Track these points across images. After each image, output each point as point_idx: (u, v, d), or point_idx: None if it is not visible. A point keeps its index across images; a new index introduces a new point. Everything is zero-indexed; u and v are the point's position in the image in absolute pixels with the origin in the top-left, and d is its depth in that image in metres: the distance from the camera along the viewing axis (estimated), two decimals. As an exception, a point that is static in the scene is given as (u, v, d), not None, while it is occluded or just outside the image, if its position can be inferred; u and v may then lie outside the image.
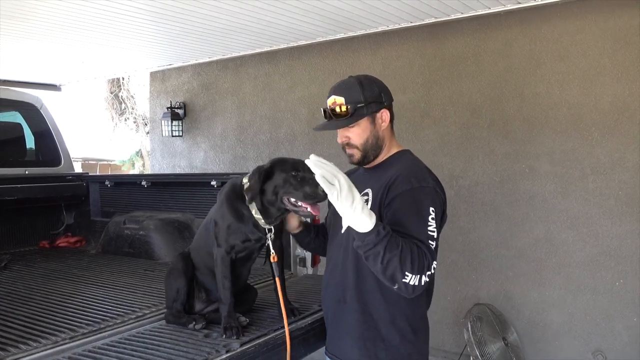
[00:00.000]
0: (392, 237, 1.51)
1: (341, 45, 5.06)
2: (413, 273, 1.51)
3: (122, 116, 15.70)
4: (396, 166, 1.76)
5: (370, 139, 1.78)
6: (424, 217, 1.61)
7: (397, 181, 1.68)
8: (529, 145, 4.15)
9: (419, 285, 1.53)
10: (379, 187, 1.72)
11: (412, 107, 4.68)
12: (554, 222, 4.05)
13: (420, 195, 1.65)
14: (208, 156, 6.17)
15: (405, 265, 1.50)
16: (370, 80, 1.80)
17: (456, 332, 4.35)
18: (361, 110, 1.74)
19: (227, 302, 1.93)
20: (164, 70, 6.44)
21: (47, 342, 1.91)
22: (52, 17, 4.11)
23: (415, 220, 1.61)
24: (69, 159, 4.41)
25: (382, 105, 1.78)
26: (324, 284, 1.96)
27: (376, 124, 1.79)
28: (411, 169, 1.73)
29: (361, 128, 1.77)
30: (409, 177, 1.68)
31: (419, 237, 1.58)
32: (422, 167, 1.78)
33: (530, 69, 4.14)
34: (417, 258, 1.52)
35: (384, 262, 1.51)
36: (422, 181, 1.68)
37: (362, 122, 1.76)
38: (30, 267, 3.28)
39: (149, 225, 3.54)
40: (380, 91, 1.78)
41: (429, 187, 1.68)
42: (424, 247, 1.56)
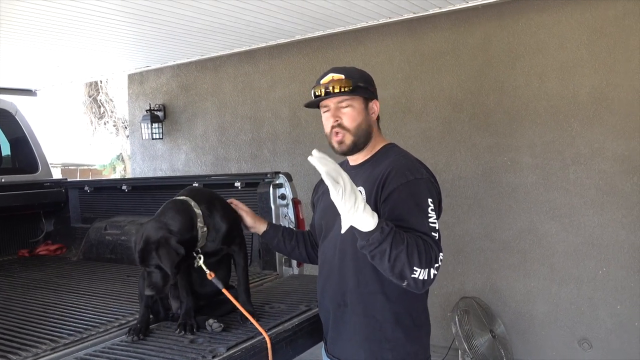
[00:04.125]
0: (397, 233, 1.47)
1: (320, 43, 5.04)
2: (421, 267, 1.48)
3: (102, 120, 15.48)
4: (385, 161, 1.72)
5: (363, 124, 1.73)
6: (424, 209, 1.58)
7: (391, 176, 1.64)
8: (510, 138, 4.18)
9: (429, 279, 1.51)
10: (371, 183, 1.68)
11: (393, 103, 4.68)
12: (537, 213, 4.08)
13: (417, 188, 1.62)
14: (189, 158, 6.11)
15: (413, 260, 1.47)
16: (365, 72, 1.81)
17: (444, 326, 4.36)
18: (361, 89, 1.72)
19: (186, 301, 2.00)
20: (142, 73, 6.35)
21: (27, 355, 1.85)
22: (25, 20, 4.01)
23: (415, 214, 1.57)
24: (46, 165, 4.32)
25: (375, 96, 1.78)
26: (320, 288, 1.91)
27: (369, 111, 1.76)
28: (403, 162, 1.69)
29: (356, 110, 1.73)
30: (403, 170, 1.65)
31: (421, 230, 1.55)
32: (412, 159, 1.75)
33: (509, 62, 4.16)
34: (423, 252, 1.49)
35: (391, 259, 1.47)
36: (416, 173, 1.65)
37: (356, 104, 1.72)
38: (9, 276, 3.20)
39: (131, 230, 3.48)
40: (373, 83, 1.79)
41: (424, 178, 1.66)
42: (429, 240, 1.54)
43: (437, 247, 1.54)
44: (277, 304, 2.33)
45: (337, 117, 1.72)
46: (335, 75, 1.72)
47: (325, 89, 1.71)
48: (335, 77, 1.71)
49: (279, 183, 2.97)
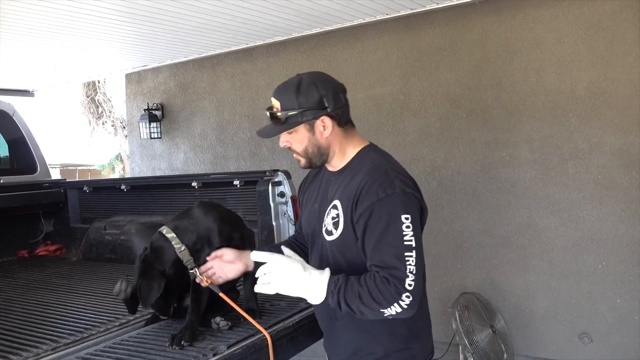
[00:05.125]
0: (347, 289, 1.49)
1: (318, 40, 5.03)
2: (387, 306, 1.47)
3: (100, 120, 15.45)
4: (360, 173, 1.63)
5: (310, 148, 1.65)
6: (397, 229, 1.50)
7: (363, 194, 1.57)
8: (508, 133, 4.18)
9: (404, 310, 1.47)
10: (347, 199, 1.62)
11: (391, 100, 4.67)
12: (536, 208, 4.09)
13: (388, 206, 1.53)
14: (188, 157, 6.10)
15: (373, 305, 1.47)
16: (313, 83, 1.61)
17: (444, 322, 4.37)
18: (294, 118, 1.60)
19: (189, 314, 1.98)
20: (140, 72, 6.34)
21: (28, 355, 1.86)
22: (21, 19, 4.00)
23: (385, 239, 1.51)
24: (45, 166, 4.32)
25: (323, 112, 1.60)
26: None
27: (316, 132, 1.63)
28: (375, 176, 1.59)
29: (299, 135, 1.64)
30: (374, 187, 1.56)
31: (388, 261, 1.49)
32: (385, 169, 1.61)
33: (507, 57, 4.16)
34: (378, 293, 1.46)
35: (357, 312, 1.50)
36: (388, 188, 1.55)
37: (298, 129, 1.63)
38: (9, 277, 3.21)
39: (131, 229, 3.48)
40: (322, 96, 1.60)
41: (397, 192, 1.54)
42: (385, 274, 1.48)
43: (402, 275, 1.47)
44: (277, 301, 2.33)
45: (286, 142, 1.68)
46: (274, 101, 1.64)
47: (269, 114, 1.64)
48: (273, 104, 1.63)
49: (278, 181, 2.97)
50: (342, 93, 1.66)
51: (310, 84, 1.62)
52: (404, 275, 1.48)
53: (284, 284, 1.52)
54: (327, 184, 1.74)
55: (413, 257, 1.49)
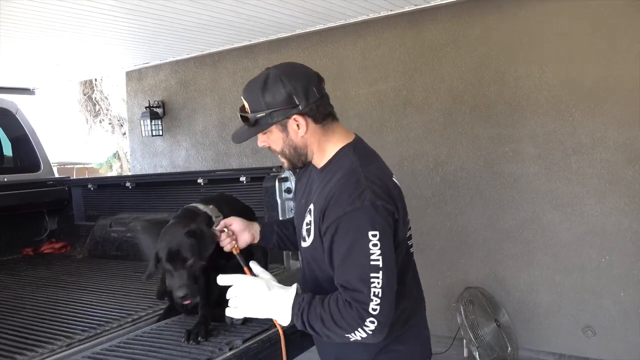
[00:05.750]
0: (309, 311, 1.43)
1: (320, 37, 5.03)
2: (351, 331, 1.39)
3: (97, 118, 15.41)
4: (336, 176, 1.52)
5: (286, 149, 1.56)
6: (362, 247, 1.39)
7: (331, 205, 1.46)
8: (511, 128, 4.20)
9: (370, 335, 1.38)
10: (319, 206, 1.52)
11: (394, 96, 4.68)
12: (540, 203, 4.11)
13: (356, 221, 1.41)
14: (190, 154, 6.10)
15: (336, 330, 1.40)
16: (279, 79, 1.48)
17: (448, 316, 4.40)
18: (263, 120, 1.50)
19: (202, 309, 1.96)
20: (140, 69, 6.33)
21: (43, 351, 1.87)
22: (22, 18, 3.98)
23: (351, 259, 1.42)
24: (48, 164, 4.31)
25: (294, 111, 1.48)
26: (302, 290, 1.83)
27: (289, 132, 1.52)
28: (345, 185, 1.47)
29: (274, 136, 1.55)
30: (341, 199, 1.44)
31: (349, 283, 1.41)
32: (356, 177, 1.47)
33: (510, 53, 4.17)
34: (341, 317, 1.39)
35: (323, 335, 1.44)
36: (355, 201, 1.42)
37: (272, 129, 1.53)
38: (16, 275, 3.21)
39: (136, 226, 3.48)
40: (290, 93, 1.47)
41: (365, 206, 1.41)
42: (347, 296, 1.39)
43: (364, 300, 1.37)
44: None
45: (264, 142, 1.59)
46: (244, 100, 1.55)
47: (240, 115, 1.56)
48: (244, 105, 1.55)
49: (285, 177, 2.97)
50: (315, 85, 1.51)
51: (276, 81, 1.48)
52: (367, 299, 1.37)
53: (250, 307, 1.47)
54: (313, 181, 1.65)
55: (379, 279, 1.38)
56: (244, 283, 1.49)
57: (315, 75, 1.54)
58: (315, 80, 1.52)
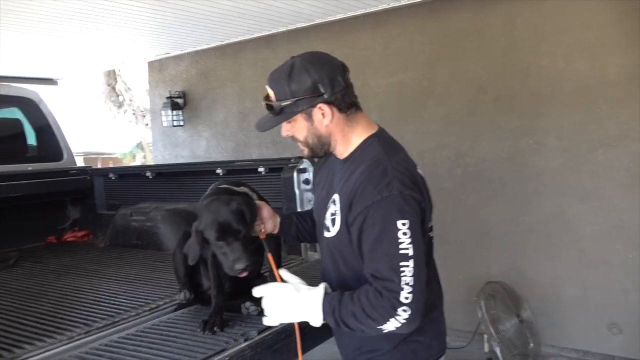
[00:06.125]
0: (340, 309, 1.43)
1: (340, 26, 4.98)
2: (383, 322, 1.39)
3: (121, 108, 15.61)
4: (361, 165, 1.52)
5: (310, 138, 1.56)
6: (391, 237, 1.39)
7: (358, 194, 1.46)
8: (535, 120, 4.10)
9: (403, 325, 1.39)
10: (345, 195, 1.52)
11: (414, 87, 4.61)
12: (564, 196, 4.01)
13: (384, 210, 1.41)
14: (210, 145, 6.12)
15: (369, 322, 1.40)
16: (305, 69, 1.49)
17: (468, 311, 4.33)
18: (289, 108, 1.50)
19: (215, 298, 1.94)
20: (162, 60, 6.36)
21: (62, 338, 1.89)
22: (45, 9, 4.03)
23: (381, 248, 1.41)
24: (70, 153, 4.37)
25: (319, 99, 1.49)
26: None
27: (314, 121, 1.53)
28: (372, 175, 1.47)
29: (298, 124, 1.55)
30: (369, 188, 1.44)
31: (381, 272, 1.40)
32: (384, 167, 1.48)
33: (535, 42, 4.06)
34: (373, 309, 1.39)
35: (357, 330, 1.44)
36: (384, 190, 1.42)
37: (296, 118, 1.53)
38: (39, 263, 3.26)
39: (156, 216, 3.51)
40: (316, 82, 1.47)
41: (393, 194, 1.42)
42: (378, 286, 1.39)
43: (395, 289, 1.37)
44: (305, 288, 2.33)
45: (287, 131, 1.60)
46: (268, 89, 1.55)
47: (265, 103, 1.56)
48: (268, 93, 1.54)
49: (303, 168, 2.95)
50: (340, 75, 1.52)
51: (302, 69, 1.49)
52: (398, 287, 1.37)
53: (282, 312, 1.51)
54: (335, 172, 1.65)
55: (410, 267, 1.38)
56: (273, 290, 1.54)
57: (341, 65, 1.54)
58: (341, 70, 1.52)
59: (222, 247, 1.70)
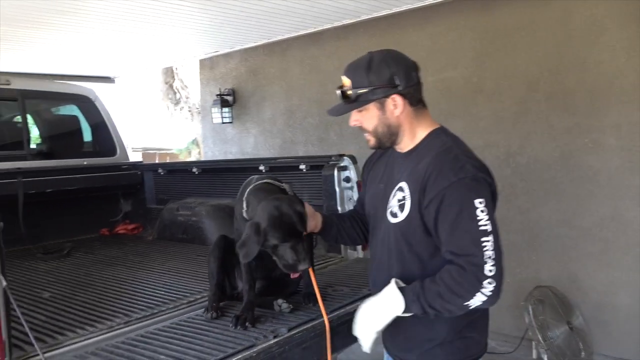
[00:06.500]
0: (425, 293, 1.49)
1: (387, 23, 4.91)
2: (470, 297, 1.45)
3: (177, 106, 16.06)
4: (429, 155, 1.60)
5: (379, 127, 1.63)
6: (470, 214, 1.47)
7: (433, 177, 1.53)
8: (592, 118, 3.89)
9: (489, 298, 1.44)
10: (415, 181, 1.59)
11: (463, 83, 4.49)
12: (622, 199, 3.79)
13: (461, 191, 1.49)
14: (258, 141, 6.21)
15: (456, 300, 1.46)
16: (384, 61, 1.60)
17: (516, 315, 4.18)
18: (365, 96, 1.59)
19: (247, 294, 1.95)
20: (212, 58, 6.50)
21: (102, 327, 1.97)
22: (100, 10, 4.20)
23: (459, 225, 1.48)
24: (123, 149, 4.53)
25: (394, 91, 1.58)
26: (371, 280, 1.84)
27: (386, 111, 1.61)
28: (445, 160, 1.56)
29: (370, 113, 1.63)
30: (445, 171, 1.52)
31: (462, 248, 1.47)
32: (455, 153, 1.58)
33: (592, 36, 3.86)
34: (458, 285, 1.45)
35: (444, 311, 1.49)
36: (459, 172, 1.51)
37: (369, 107, 1.61)
38: (90, 254, 3.41)
39: (201, 211, 3.59)
40: (393, 74, 1.58)
41: (468, 176, 1.51)
42: (461, 261, 1.45)
43: (480, 263, 1.43)
44: (340, 287, 2.32)
45: (356, 120, 1.67)
46: (345, 79, 1.63)
47: (340, 95, 1.64)
48: (344, 82, 1.63)
49: (344, 165, 2.94)
50: (414, 71, 1.63)
51: (381, 62, 1.60)
52: (482, 261, 1.44)
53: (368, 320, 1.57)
54: (394, 165, 1.72)
55: (490, 242, 1.45)
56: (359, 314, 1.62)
57: (414, 63, 1.65)
58: (414, 67, 1.64)
59: (283, 249, 1.75)
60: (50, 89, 4.43)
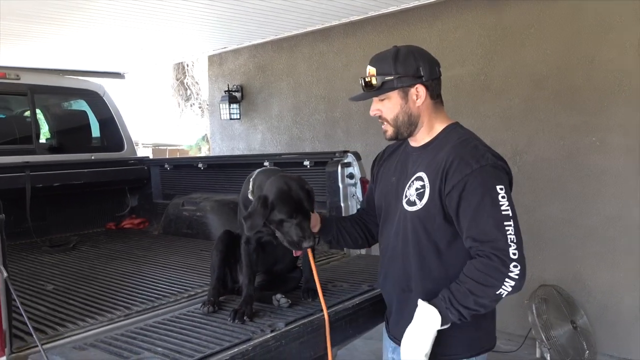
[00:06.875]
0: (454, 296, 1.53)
1: (395, 19, 4.90)
2: (500, 285, 1.49)
3: (188, 102, 16.12)
4: (447, 147, 1.65)
5: (400, 115, 1.69)
6: (493, 199, 1.53)
7: (454, 166, 1.58)
8: (599, 117, 3.86)
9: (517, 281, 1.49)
10: (434, 171, 1.63)
11: (471, 81, 4.47)
12: (628, 199, 3.76)
13: (483, 177, 1.55)
14: (265, 138, 6.22)
15: (487, 291, 1.50)
16: (410, 53, 1.68)
17: (520, 314, 4.16)
18: (390, 83, 1.65)
19: (246, 288, 1.94)
20: (221, 54, 6.52)
21: (103, 320, 1.98)
22: (110, 6, 4.23)
23: (483, 210, 1.53)
24: (131, 144, 4.57)
25: (418, 81, 1.66)
26: (383, 271, 1.87)
27: (409, 100, 1.68)
28: (464, 149, 1.62)
29: (392, 102, 1.69)
30: (466, 158, 1.58)
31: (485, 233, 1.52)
32: (475, 143, 1.65)
33: (601, 33, 3.82)
34: (486, 276, 1.50)
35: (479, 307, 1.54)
36: (481, 160, 1.57)
37: (392, 96, 1.68)
38: (95, 247, 3.45)
39: (206, 206, 3.61)
40: (418, 65, 1.66)
41: (489, 164, 1.57)
42: (486, 248, 1.51)
43: (505, 247, 1.49)
44: (340, 282, 2.32)
45: (377, 110, 1.73)
46: (370, 68, 1.69)
47: (364, 84, 1.70)
48: (369, 72, 1.69)
49: (347, 162, 2.94)
50: (437, 66, 1.71)
51: (408, 54, 1.67)
52: (506, 245, 1.49)
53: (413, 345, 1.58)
54: (407, 159, 1.77)
55: (512, 226, 1.51)
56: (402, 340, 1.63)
57: (436, 59, 1.73)
58: (437, 63, 1.72)
59: (289, 225, 1.75)
60: (59, 84, 4.46)
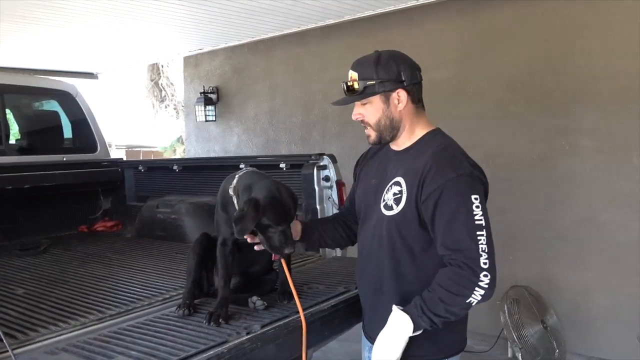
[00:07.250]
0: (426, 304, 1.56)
1: (372, 23, 4.94)
2: (469, 293, 1.52)
3: (163, 103, 15.93)
4: (426, 153, 1.66)
5: (382, 120, 1.70)
6: (467, 208, 1.55)
7: (431, 173, 1.60)
8: (569, 120, 3.96)
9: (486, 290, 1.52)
10: (412, 177, 1.65)
11: (445, 85, 4.53)
12: (597, 200, 3.87)
13: (458, 186, 1.58)
14: (241, 140, 6.20)
15: (457, 300, 1.53)
16: (392, 57, 1.69)
17: (493, 315, 4.23)
18: (372, 88, 1.67)
19: (222, 290, 1.94)
20: (197, 55, 6.48)
21: (75, 324, 1.95)
22: (82, 4, 4.16)
23: (457, 219, 1.55)
24: (104, 145, 4.49)
25: (399, 85, 1.67)
26: (359, 271, 1.90)
27: (390, 104, 1.69)
28: (443, 157, 1.64)
29: (374, 107, 1.70)
30: (443, 167, 1.60)
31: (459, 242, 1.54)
32: (453, 152, 1.68)
33: (570, 39, 3.93)
34: (456, 285, 1.52)
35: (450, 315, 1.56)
36: (458, 169, 1.60)
37: (374, 100, 1.69)
38: (68, 250, 3.37)
39: (181, 209, 3.57)
40: (400, 70, 1.67)
41: (466, 173, 1.60)
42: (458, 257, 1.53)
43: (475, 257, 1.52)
44: (316, 284, 2.33)
45: (359, 114, 1.74)
46: (352, 73, 1.71)
47: (346, 88, 1.72)
48: (351, 76, 1.70)
49: (323, 165, 2.95)
50: (417, 71, 1.72)
51: (389, 58, 1.69)
52: (477, 254, 1.52)
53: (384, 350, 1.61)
54: (388, 162, 1.79)
55: (484, 236, 1.53)
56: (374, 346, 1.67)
57: (416, 64, 1.74)
58: (417, 67, 1.73)
59: (274, 231, 1.77)
60: (30, 83, 4.37)
